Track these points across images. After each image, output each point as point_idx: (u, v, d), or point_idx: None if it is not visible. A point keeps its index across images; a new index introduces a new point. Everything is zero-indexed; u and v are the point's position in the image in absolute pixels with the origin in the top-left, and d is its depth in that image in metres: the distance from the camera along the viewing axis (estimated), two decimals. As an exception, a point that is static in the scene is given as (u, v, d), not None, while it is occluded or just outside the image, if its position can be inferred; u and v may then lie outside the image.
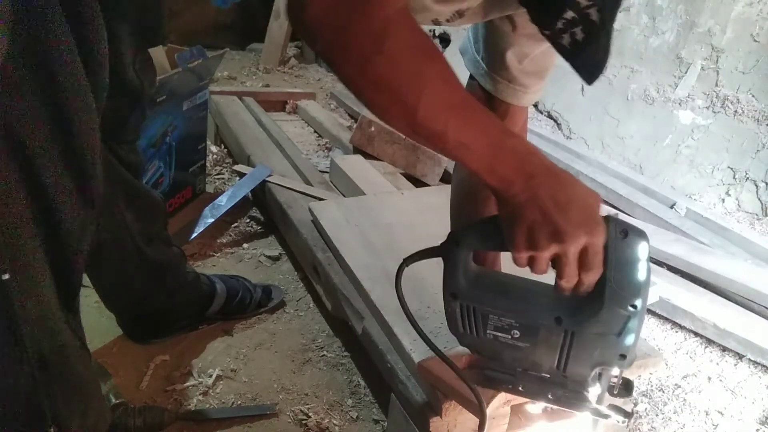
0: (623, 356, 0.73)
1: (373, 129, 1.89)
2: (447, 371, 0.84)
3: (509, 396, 0.86)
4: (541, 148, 2.26)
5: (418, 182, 1.89)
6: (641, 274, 0.68)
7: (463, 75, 0.96)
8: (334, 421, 1.08)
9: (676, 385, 1.28)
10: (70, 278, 0.73)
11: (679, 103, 2.26)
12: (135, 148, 1.06)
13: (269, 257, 1.57)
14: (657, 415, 1.19)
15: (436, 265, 0.97)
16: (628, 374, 0.97)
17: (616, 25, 2.34)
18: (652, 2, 2.38)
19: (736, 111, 2.11)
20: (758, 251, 1.70)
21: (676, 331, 1.45)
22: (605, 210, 1.83)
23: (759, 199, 2.03)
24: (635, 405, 1.20)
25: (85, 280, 1.33)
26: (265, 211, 1.75)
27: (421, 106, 0.60)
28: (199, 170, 1.80)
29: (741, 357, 1.36)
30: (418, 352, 0.94)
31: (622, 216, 1.81)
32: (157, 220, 1.15)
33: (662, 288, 1.42)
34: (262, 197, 1.72)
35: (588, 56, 0.68)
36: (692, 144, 2.20)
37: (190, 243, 1.54)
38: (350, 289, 1.16)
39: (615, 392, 0.77)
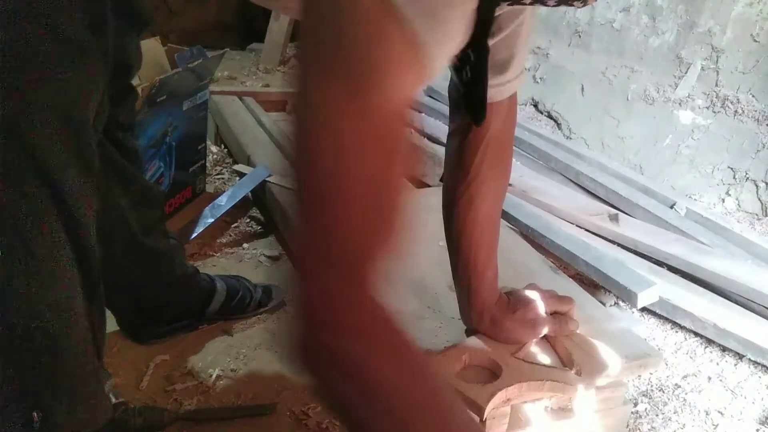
0: None
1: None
2: (446, 370, 0.84)
3: (509, 394, 0.86)
4: (540, 147, 2.26)
5: (417, 182, 1.89)
6: None
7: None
8: (335, 421, 1.08)
9: (676, 385, 1.28)
10: (84, 261, 0.73)
11: (679, 103, 2.26)
12: (130, 135, 1.06)
13: (269, 257, 1.57)
14: (657, 415, 1.19)
15: (435, 265, 0.97)
16: (628, 374, 0.98)
17: (617, 25, 2.35)
18: (652, 2, 2.38)
19: (736, 111, 2.11)
20: (758, 251, 1.70)
21: (676, 331, 1.45)
22: (603, 209, 1.83)
23: (759, 199, 2.03)
24: (635, 405, 1.20)
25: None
26: (265, 211, 1.75)
27: None
28: (199, 170, 1.80)
29: (741, 357, 1.36)
30: (418, 351, 0.94)
31: (622, 216, 1.81)
32: (154, 210, 1.14)
33: (662, 288, 1.42)
34: (262, 197, 1.72)
35: (474, 95, 0.68)
36: (692, 144, 2.20)
37: (190, 243, 1.54)
38: (350, 289, 1.16)
39: None
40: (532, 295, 0.95)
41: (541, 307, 0.94)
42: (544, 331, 0.93)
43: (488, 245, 0.91)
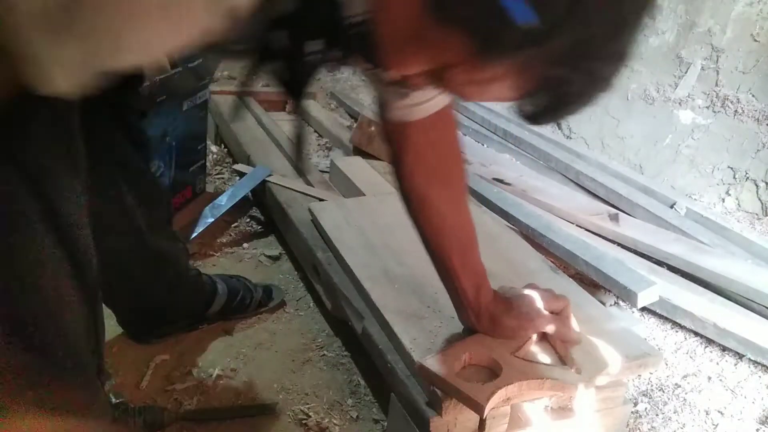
0: None
1: (373, 129, 1.89)
2: (446, 369, 0.84)
3: (509, 393, 0.86)
4: (540, 147, 2.26)
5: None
6: None
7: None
8: (334, 421, 1.08)
9: (676, 384, 1.28)
10: (79, 266, 0.72)
11: (679, 103, 2.26)
12: (143, 125, 1.05)
13: (269, 257, 1.57)
14: (657, 415, 1.19)
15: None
16: (628, 374, 0.98)
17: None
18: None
19: (736, 111, 2.11)
20: (758, 251, 1.70)
21: (676, 331, 1.45)
22: (603, 209, 1.84)
23: (759, 199, 2.03)
24: (635, 404, 1.20)
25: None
26: (265, 210, 1.75)
27: None
28: (199, 170, 1.80)
29: (741, 357, 1.36)
30: (418, 351, 0.94)
31: (622, 216, 1.81)
32: (160, 209, 1.14)
33: (662, 288, 1.42)
34: (262, 197, 1.72)
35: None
36: (692, 144, 2.20)
37: (190, 243, 1.54)
38: (350, 289, 1.16)
39: None
40: (530, 292, 0.95)
41: (538, 302, 0.94)
42: (543, 326, 0.93)
43: (460, 250, 0.90)
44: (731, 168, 2.10)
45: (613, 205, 1.93)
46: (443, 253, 0.90)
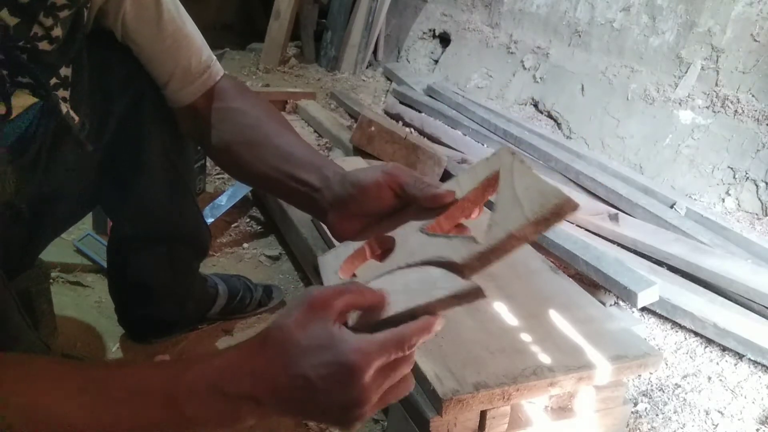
0: None
1: (373, 129, 1.89)
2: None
3: (510, 391, 0.86)
4: (540, 147, 2.26)
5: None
6: None
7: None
8: (334, 421, 1.08)
9: (676, 384, 1.28)
10: None
11: (679, 103, 2.27)
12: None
13: (269, 257, 1.57)
14: (657, 415, 1.19)
15: (436, 264, 0.97)
16: (628, 374, 0.98)
17: (616, 24, 2.35)
18: (652, 2, 2.38)
19: (736, 111, 2.11)
20: (758, 251, 1.70)
21: (676, 331, 1.45)
22: (603, 209, 1.83)
23: (759, 199, 2.03)
24: (635, 405, 1.20)
25: (85, 279, 1.33)
26: (265, 210, 1.75)
27: None
28: (199, 170, 1.80)
29: (741, 357, 1.36)
30: (418, 352, 0.94)
31: (622, 216, 1.81)
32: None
33: (662, 288, 1.42)
34: (262, 197, 1.72)
35: None
36: (692, 144, 2.20)
37: (190, 243, 1.54)
38: (350, 289, 1.16)
39: None
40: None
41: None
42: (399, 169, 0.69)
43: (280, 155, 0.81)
44: (731, 168, 2.10)
45: (613, 205, 1.93)
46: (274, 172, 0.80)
